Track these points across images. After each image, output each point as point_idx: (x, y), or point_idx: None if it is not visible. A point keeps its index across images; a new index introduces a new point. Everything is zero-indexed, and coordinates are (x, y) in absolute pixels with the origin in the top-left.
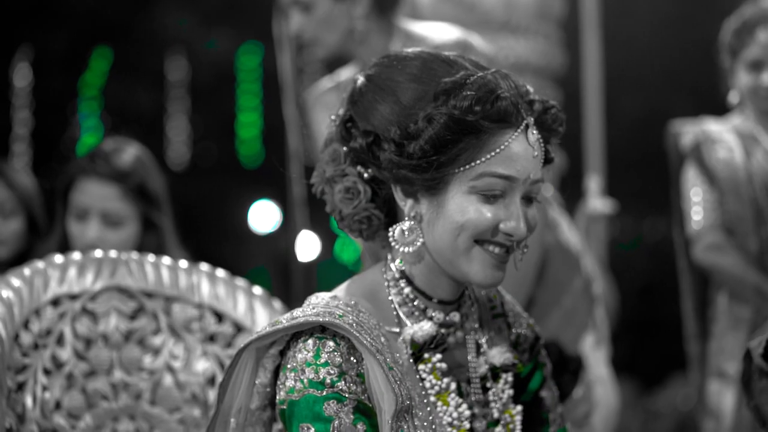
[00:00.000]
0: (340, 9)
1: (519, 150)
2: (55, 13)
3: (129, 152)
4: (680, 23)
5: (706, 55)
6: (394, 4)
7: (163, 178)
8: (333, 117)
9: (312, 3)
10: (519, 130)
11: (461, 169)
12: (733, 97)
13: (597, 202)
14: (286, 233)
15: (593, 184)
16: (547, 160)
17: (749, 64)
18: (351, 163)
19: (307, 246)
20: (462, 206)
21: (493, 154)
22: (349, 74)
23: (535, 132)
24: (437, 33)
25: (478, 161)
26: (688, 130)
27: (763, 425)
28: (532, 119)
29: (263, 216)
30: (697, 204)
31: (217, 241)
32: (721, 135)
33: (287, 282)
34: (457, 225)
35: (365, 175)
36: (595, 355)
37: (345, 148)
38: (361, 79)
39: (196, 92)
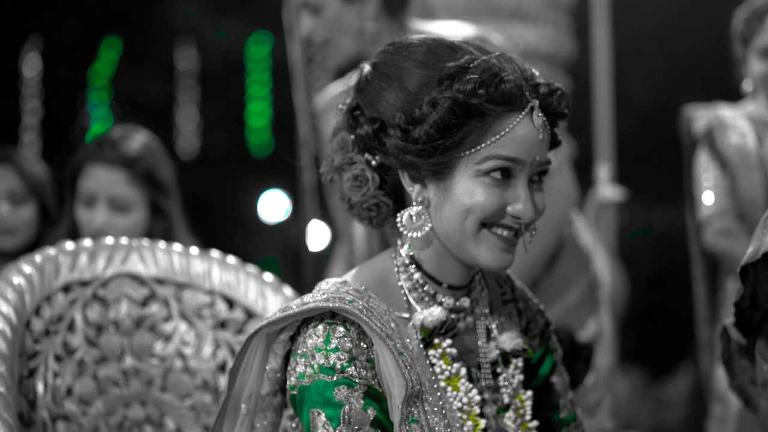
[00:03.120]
0: (349, 10)
1: (524, 132)
2: (64, 4)
3: (137, 139)
4: (690, 11)
5: (717, 43)
6: (404, 4)
7: (172, 165)
8: (340, 106)
9: (321, 5)
10: (524, 113)
11: (467, 152)
12: (746, 86)
13: (607, 190)
14: (296, 222)
15: (603, 172)
16: (554, 143)
17: (761, 52)
18: (359, 151)
19: (318, 235)
20: (469, 189)
21: (498, 137)
22: None
23: (540, 114)
24: (452, 31)
25: (483, 144)
26: (701, 115)
27: (747, 405)
28: (537, 102)
29: (273, 205)
30: (708, 189)
31: (227, 230)
32: (734, 120)
33: (297, 271)
34: (464, 208)
35: (373, 162)
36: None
37: (352, 136)
38: (366, 68)
39: (206, 82)
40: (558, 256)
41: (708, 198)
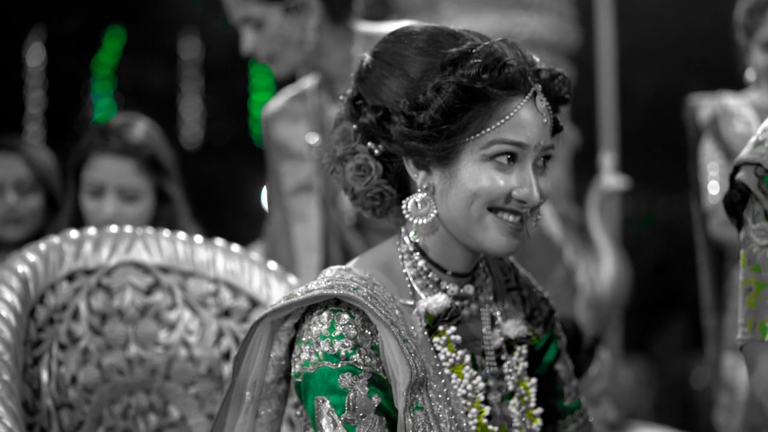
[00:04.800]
0: (291, 22)
1: (528, 117)
2: None
3: (139, 126)
4: (694, 0)
5: (720, 33)
6: (347, 10)
7: (171, 148)
8: (341, 97)
9: (263, 18)
10: (527, 97)
11: (472, 137)
12: (749, 75)
13: (611, 178)
14: None
15: (607, 160)
16: (556, 129)
17: (764, 44)
18: (361, 141)
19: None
20: (474, 174)
21: (502, 121)
22: (312, 83)
23: (543, 99)
24: None
25: (488, 129)
26: (705, 104)
27: None
28: (540, 86)
29: None
30: (713, 178)
31: (230, 220)
32: (739, 109)
33: None
34: (470, 193)
35: (376, 151)
36: None
37: (354, 126)
38: (367, 57)
39: (210, 71)
40: (527, 252)
41: (714, 187)
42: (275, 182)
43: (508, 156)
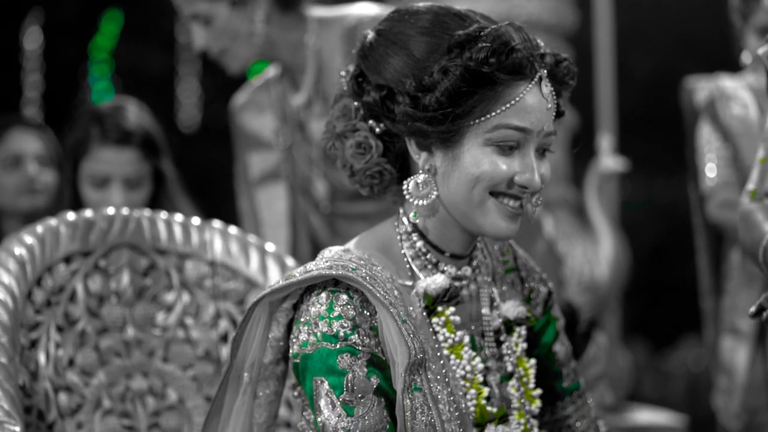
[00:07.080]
0: (238, 16)
1: (533, 102)
2: None
3: (131, 110)
4: None
5: (718, 15)
6: None
7: (167, 131)
8: (342, 73)
9: (211, 14)
10: (533, 83)
11: (476, 121)
12: (745, 57)
13: (609, 160)
14: None
15: (605, 142)
16: (559, 114)
17: (758, 30)
18: (362, 118)
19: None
20: (477, 158)
21: (508, 105)
22: (275, 73)
23: (548, 84)
24: (357, 10)
25: (493, 113)
26: (702, 87)
27: None
28: (545, 72)
29: None
30: (711, 161)
31: (228, 202)
32: (736, 91)
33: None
34: (472, 177)
35: (377, 129)
36: None
37: (356, 103)
38: (370, 35)
39: (207, 54)
40: None
41: (711, 170)
42: (242, 172)
43: (512, 141)
